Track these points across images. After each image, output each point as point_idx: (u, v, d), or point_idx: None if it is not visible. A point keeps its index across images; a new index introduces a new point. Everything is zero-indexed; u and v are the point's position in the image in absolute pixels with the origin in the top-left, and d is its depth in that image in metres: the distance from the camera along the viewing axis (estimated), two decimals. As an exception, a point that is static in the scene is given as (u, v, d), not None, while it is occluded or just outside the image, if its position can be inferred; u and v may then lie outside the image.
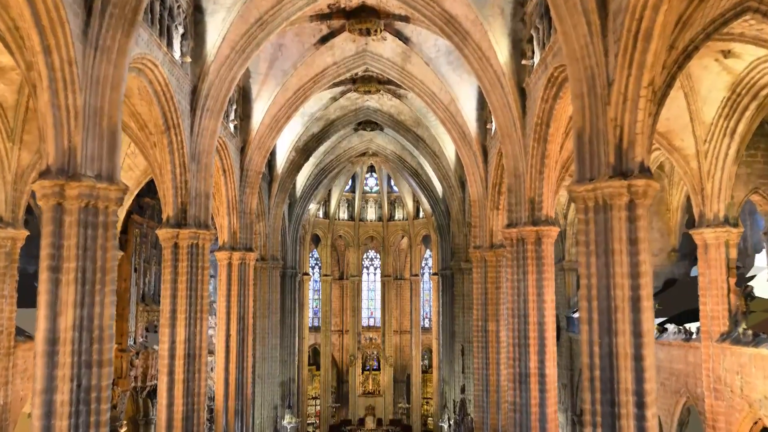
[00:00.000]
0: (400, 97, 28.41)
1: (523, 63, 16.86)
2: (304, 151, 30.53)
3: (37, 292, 10.61)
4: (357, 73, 26.26)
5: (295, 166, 30.53)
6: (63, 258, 10.60)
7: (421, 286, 47.92)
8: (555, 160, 16.91)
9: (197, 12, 16.96)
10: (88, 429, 10.56)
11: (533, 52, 16.53)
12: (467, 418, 24.88)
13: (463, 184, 30.04)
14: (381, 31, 21.40)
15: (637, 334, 10.50)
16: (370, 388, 46.01)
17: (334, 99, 28.50)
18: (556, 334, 30.38)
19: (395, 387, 46.13)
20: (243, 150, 23.54)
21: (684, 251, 23.89)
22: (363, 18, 20.66)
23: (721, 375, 16.47)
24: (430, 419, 44.03)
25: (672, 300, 21.83)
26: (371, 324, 49.39)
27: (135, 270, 24.61)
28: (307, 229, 43.60)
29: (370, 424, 43.84)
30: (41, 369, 10.30)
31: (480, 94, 23.07)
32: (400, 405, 43.99)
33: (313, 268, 48.01)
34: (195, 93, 17.35)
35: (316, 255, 48.07)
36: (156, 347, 24.49)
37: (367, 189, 47.05)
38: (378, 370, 46.39)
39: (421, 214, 44.93)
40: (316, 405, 45.72)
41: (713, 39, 12.74)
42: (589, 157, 11.19)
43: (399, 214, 46.85)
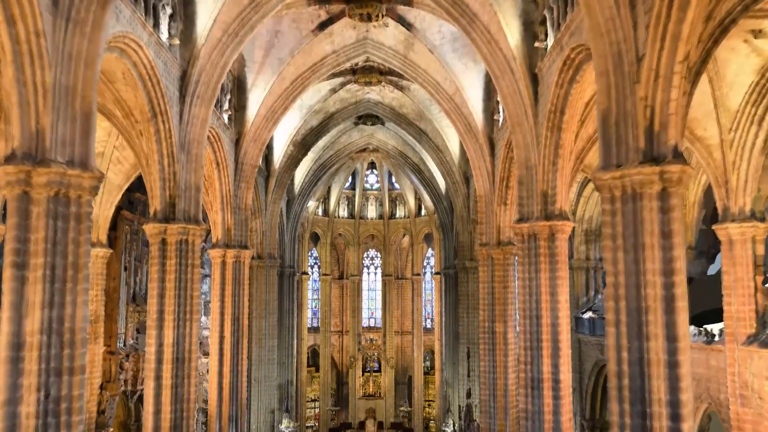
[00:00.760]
0: (402, 89, 27.29)
1: (536, 45, 15.74)
2: (302, 146, 29.41)
3: (1, 291, 9.49)
4: (357, 63, 25.17)
5: (293, 160, 29.40)
6: (30, 253, 9.48)
7: (423, 285, 46.80)
8: (569, 150, 15.80)
9: (186, -9, 15.88)
10: (57, 444, 9.45)
11: (546, 34, 15.42)
12: (473, 423, 23.75)
13: (468, 179, 28.94)
14: (383, 17, 20.30)
15: (671, 338, 9.41)
16: (370, 390, 44.91)
17: (333, 91, 27.37)
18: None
19: (396, 389, 45.01)
20: (238, 142, 22.42)
21: (701, 249, 22.80)
22: (363, 2, 19.55)
23: (748, 380, 15.37)
24: (432, 422, 42.90)
25: (689, 300, 20.68)
26: (372, 325, 48.26)
27: (125, 268, 23.50)
28: (306, 228, 42.47)
29: (370, 427, 42.74)
30: (4, 378, 9.19)
31: (487, 83, 22.00)
32: (402, 408, 42.81)
33: (312, 267, 46.88)
34: (184, 79, 16.23)
35: (315, 254, 46.96)
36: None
37: (368, 186, 45.91)
38: (379, 371, 45.28)
39: (423, 211, 43.81)
40: (315, 407, 44.59)
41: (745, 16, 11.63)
42: (616, 142, 10.08)
43: (400, 211, 45.71)
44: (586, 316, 26.67)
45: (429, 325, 46.77)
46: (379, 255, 47.70)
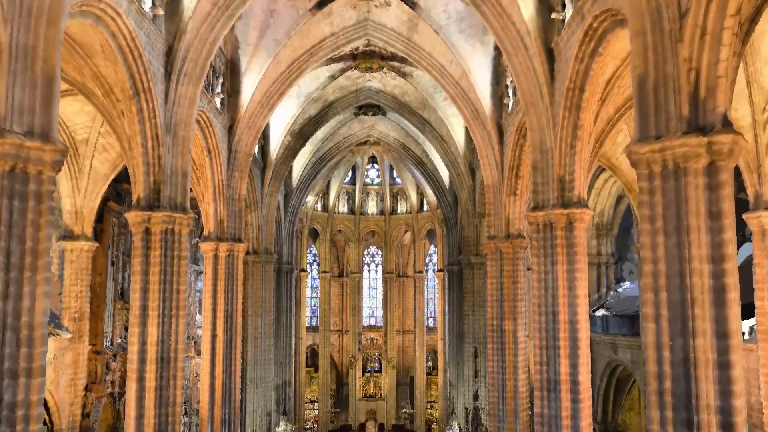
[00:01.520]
0: (404, 76, 26.02)
1: (553, 17, 14.45)
2: (300, 136, 28.14)
3: (-54, 280, 8.23)
4: (358, 48, 23.94)
5: (291, 151, 28.13)
6: (-20, 237, 8.20)
7: (425, 283, 45.52)
8: (588, 132, 14.50)
9: (172, -41, 14.60)
10: (12, 457, 8.18)
11: (564, 4, 14.14)
12: (481, 428, 22.47)
13: (474, 171, 27.68)
14: (385, -6, 19.05)
15: (722, 334, 8.15)
16: (371, 391, 43.66)
17: (332, 77, 26.10)
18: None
19: (398, 390, 43.76)
20: (231, 129, 21.14)
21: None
22: (365, -23, 18.31)
23: (784, 382, 14.09)
24: (435, 424, 41.62)
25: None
26: (372, 324, 47.02)
27: (112, 263, 22.22)
28: (305, 223, 41.22)
29: (371, 429, 41.50)
30: (-52, 380, 7.92)
31: (495, 66, 20.72)
32: (404, 410, 41.50)
33: (312, 264, 45.65)
34: (170, 55, 14.96)
35: (314, 251, 45.72)
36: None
37: (368, 181, 44.65)
38: (379, 372, 44.03)
39: (426, 207, 42.57)
40: (314, 409, 43.37)
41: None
42: (655, 110, 8.81)
43: (402, 207, 44.45)
44: (598, 313, 25.38)
45: (431, 324, 45.50)
46: (380, 252, 46.45)
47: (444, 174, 33.30)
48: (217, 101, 19.80)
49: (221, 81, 20.16)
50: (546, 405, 14.50)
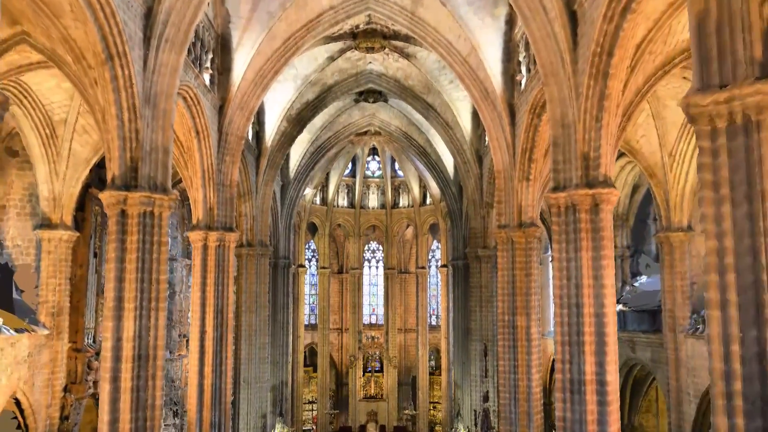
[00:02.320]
0: (408, 57, 24.50)
1: (577, -26, 12.95)
2: (297, 122, 26.61)
3: None
4: (358, 26, 22.48)
5: (287, 138, 26.60)
6: None
7: (428, 280, 43.97)
8: (616, 103, 12.97)
9: None
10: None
11: (590, -40, 12.63)
12: (491, 431, 20.95)
13: (481, 158, 26.15)
14: (388, -40, 17.53)
15: (807, 324, 6.61)
16: (372, 391, 42.11)
17: (331, 59, 24.59)
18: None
19: (400, 390, 42.22)
20: (222, 110, 19.61)
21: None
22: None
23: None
24: (438, 427, 40.09)
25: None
26: (373, 322, 45.52)
27: (94, 254, 20.66)
28: (303, 217, 39.70)
29: (372, 430, 39.97)
30: None
31: (506, 42, 19.19)
32: (406, 412, 39.92)
33: (310, 260, 44.13)
34: (150, 17, 13.43)
35: (313, 246, 44.20)
36: (121, 346, 20.65)
37: (369, 173, 43.12)
38: (381, 371, 42.47)
39: (429, 200, 41.05)
40: (312, 410, 41.85)
41: None
42: (718, 54, 7.29)
43: (404, 200, 42.91)
44: (619, 308, 23.85)
45: (434, 322, 43.99)
46: (381, 247, 44.95)
47: (448, 164, 31.80)
48: (206, 78, 18.28)
49: (210, 57, 18.64)
50: (569, 408, 12.98)
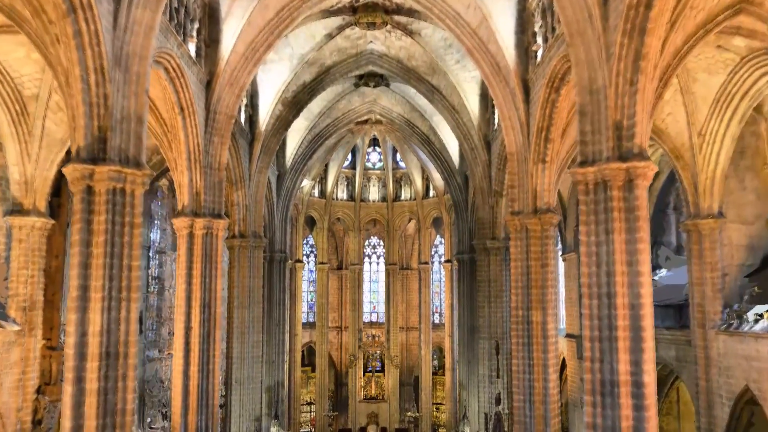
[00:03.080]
0: (411, 34, 22.85)
1: None
2: (293, 105, 24.95)
3: None
4: (358, -1, 20.84)
5: (283, 122, 24.94)
6: None
7: (431, 276, 42.31)
8: (653, 63, 11.36)
9: None
10: None
11: None
12: (504, 437, 19.33)
13: (489, 144, 24.51)
14: None
15: None
16: (372, 392, 40.58)
17: (329, 36, 22.96)
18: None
19: (401, 391, 40.61)
20: (209, 86, 17.98)
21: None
22: None
23: None
24: (442, 429, 38.44)
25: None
26: (374, 320, 43.91)
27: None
28: (301, 210, 38.08)
29: (372, 433, 38.42)
30: None
31: (520, 11, 17.62)
32: (409, 414, 38.20)
33: (308, 256, 42.49)
34: (120, -33, 11.79)
35: (311, 241, 42.55)
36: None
37: (370, 165, 41.50)
38: (382, 372, 40.95)
39: (432, 192, 39.41)
40: (310, 411, 40.23)
41: None
42: None
43: (406, 193, 41.27)
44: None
45: (437, 320, 42.35)
46: (382, 242, 43.33)
47: (453, 152, 30.20)
48: (191, 48, 16.65)
49: (197, 27, 17.04)
50: (599, 413, 11.34)
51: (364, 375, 40.86)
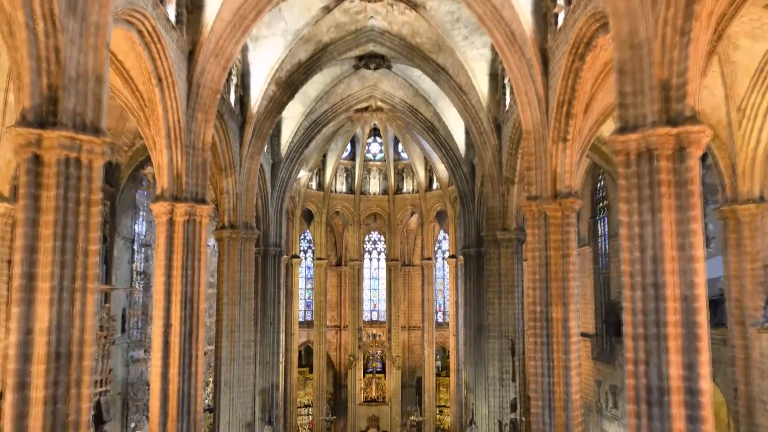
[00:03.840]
0: (415, 8, 21.03)
1: None
2: (287, 86, 23.10)
3: None
4: (358, -35, 19.00)
5: (277, 104, 23.10)
6: None
7: (434, 272, 40.46)
8: (709, 10, 9.53)
9: None
10: None
11: None
12: (520, 447, 17.50)
13: (499, 127, 22.68)
14: None
15: None
16: (373, 394, 38.84)
17: (326, 9, 21.15)
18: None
19: (403, 393, 38.82)
20: (192, 56, 16.15)
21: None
22: None
23: None
24: (446, 433, 36.70)
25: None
26: (374, 318, 42.12)
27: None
28: (297, 203, 36.28)
29: (373, 437, 36.62)
30: None
31: (538, -28, 15.75)
32: (412, 418, 36.31)
33: (306, 252, 40.68)
34: None
35: (309, 237, 40.73)
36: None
37: (370, 156, 39.67)
38: (382, 372, 39.20)
39: (435, 184, 37.61)
40: (308, 415, 38.41)
41: None
42: None
43: (408, 185, 39.45)
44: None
45: (441, 319, 40.54)
46: (383, 237, 41.52)
47: (459, 140, 28.42)
48: (170, 11, 14.85)
49: (177, -12, 15.24)
50: (644, 426, 9.51)
51: (364, 376, 39.15)
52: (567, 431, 15.03)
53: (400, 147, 38.40)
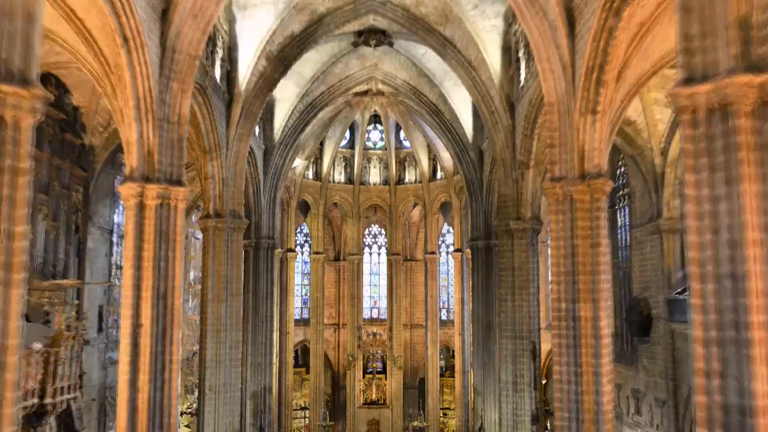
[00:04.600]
0: (421, -28, 18.99)
1: None
2: (279, 61, 21.04)
3: None
4: None
5: (267, 81, 21.04)
6: None
7: (438, 267, 38.44)
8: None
9: None
10: None
11: None
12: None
13: (513, 106, 20.61)
14: None
15: None
16: (373, 396, 37.01)
17: (322, -26, 19.10)
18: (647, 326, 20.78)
19: (405, 395, 36.90)
20: (165, 16, 14.10)
21: None
22: None
23: None
24: (450, 438, 34.74)
25: None
26: (375, 316, 40.21)
27: None
28: (293, 193, 34.28)
29: (373, 442, 34.68)
30: None
31: None
32: (415, 423, 34.27)
33: (302, 245, 38.69)
34: None
35: (305, 230, 38.73)
36: (38, 345, 15.21)
37: (370, 144, 37.65)
38: (383, 373, 37.32)
39: (439, 174, 35.57)
40: (305, 418, 36.47)
41: None
42: None
43: (410, 175, 37.44)
44: (686, 296, 18.35)
45: (445, 317, 38.56)
46: (384, 230, 39.53)
47: (467, 124, 26.41)
48: (137, -41, 12.76)
49: (147, -64, 13.14)
50: (721, 456, 7.47)
51: (363, 377, 37.30)
52: (598, 449, 13.01)
53: (401, 134, 36.38)
